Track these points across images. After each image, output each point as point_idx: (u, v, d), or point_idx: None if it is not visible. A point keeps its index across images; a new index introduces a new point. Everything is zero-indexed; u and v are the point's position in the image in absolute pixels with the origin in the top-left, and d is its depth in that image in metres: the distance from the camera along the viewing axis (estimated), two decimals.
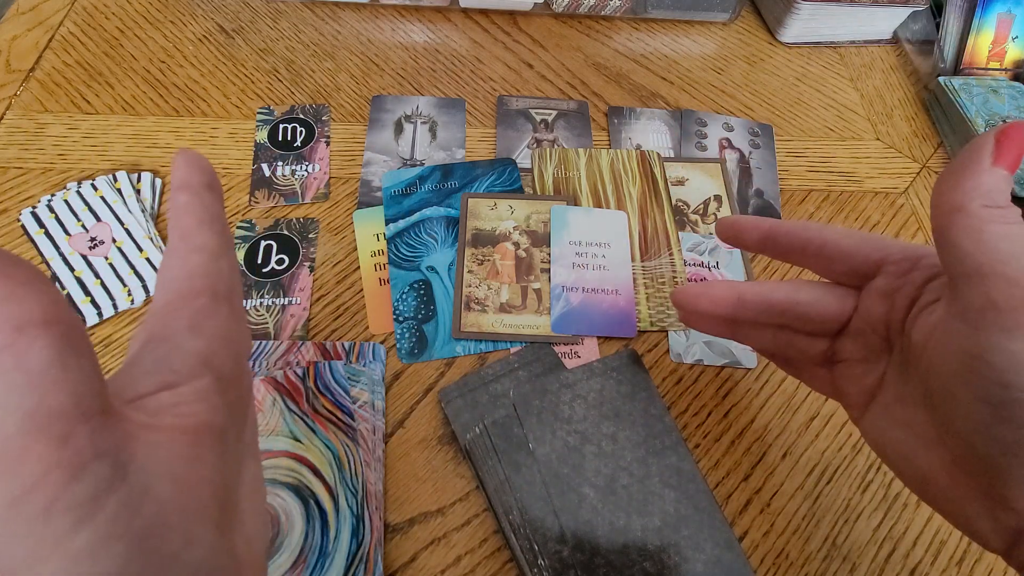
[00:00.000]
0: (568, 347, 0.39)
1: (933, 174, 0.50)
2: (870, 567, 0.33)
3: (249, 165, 0.46)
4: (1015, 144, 0.20)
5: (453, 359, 0.38)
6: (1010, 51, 0.54)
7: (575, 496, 0.31)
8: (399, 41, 0.54)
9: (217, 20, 0.54)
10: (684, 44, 0.57)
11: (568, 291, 0.40)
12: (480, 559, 0.32)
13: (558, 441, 0.33)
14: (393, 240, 0.42)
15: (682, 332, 0.40)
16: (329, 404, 0.34)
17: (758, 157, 0.49)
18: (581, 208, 0.44)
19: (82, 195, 0.41)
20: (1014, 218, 0.19)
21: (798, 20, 0.56)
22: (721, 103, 0.53)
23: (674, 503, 0.31)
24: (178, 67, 0.50)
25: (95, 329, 0.38)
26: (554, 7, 0.56)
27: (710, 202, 0.46)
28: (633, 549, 0.30)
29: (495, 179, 0.46)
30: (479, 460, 0.33)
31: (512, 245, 0.42)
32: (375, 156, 0.47)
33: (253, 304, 0.39)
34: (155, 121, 0.47)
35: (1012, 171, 0.20)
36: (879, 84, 0.57)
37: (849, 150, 0.51)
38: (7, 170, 0.44)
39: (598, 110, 0.52)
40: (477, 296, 0.40)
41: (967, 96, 0.51)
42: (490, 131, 0.49)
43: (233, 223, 0.43)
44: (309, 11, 0.55)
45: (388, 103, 0.50)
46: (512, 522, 0.31)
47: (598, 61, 0.55)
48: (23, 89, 0.48)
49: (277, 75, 0.51)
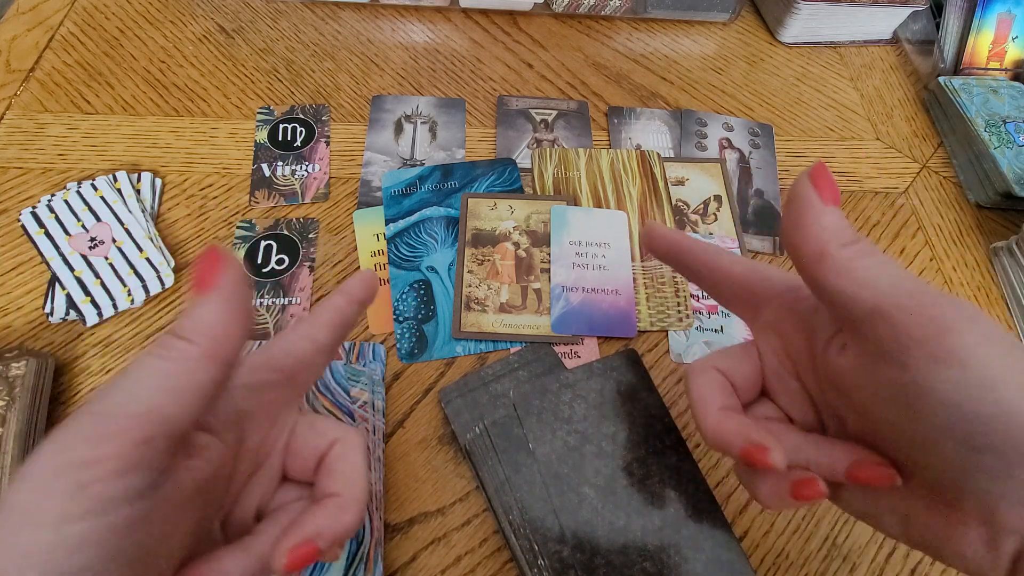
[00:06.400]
0: (568, 347, 0.39)
1: (933, 174, 0.50)
2: (870, 567, 0.33)
3: (249, 165, 0.46)
4: (827, 181, 0.20)
5: (453, 359, 0.38)
6: (1010, 51, 0.54)
7: (575, 496, 0.31)
8: (399, 41, 0.54)
9: (217, 20, 0.54)
10: (684, 44, 0.57)
11: (568, 291, 0.40)
12: (480, 559, 0.32)
13: (558, 441, 0.33)
14: (393, 240, 0.42)
15: (682, 332, 0.40)
16: (329, 404, 0.34)
17: (758, 157, 0.49)
18: (581, 208, 0.44)
19: (82, 195, 0.41)
20: (872, 247, 0.20)
21: (798, 20, 0.56)
22: (721, 103, 0.53)
23: (674, 503, 0.31)
24: (178, 67, 0.50)
25: (95, 329, 0.38)
26: (554, 7, 0.56)
27: (710, 202, 0.46)
28: (633, 549, 0.30)
29: (495, 179, 0.46)
30: (479, 460, 0.33)
31: (512, 245, 0.42)
32: (375, 156, 0.47)
33: (253, 304, 0.39)
34: (155, 121, 0.47)
35: (837, 206, 0.21)
36: (879, 84, 0.57)
37: (849, 150, 0.51)
38: (7, 170, 0.44)
39: (598, 110, 0.52)
40: (477, 296, 0.40)
41: (967, 96, 0.51)
42: (490, 131, 0.49)
43: (233, 223, 0.43)
44: (309, 11, 0.55)
45: (388, 103, 0.50)
46: (512, 522, 0.31)
47: (598, 61, 0.55)
48: (23, 89, 0.48)
49: (277, 75, 0.51)
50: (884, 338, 0.18)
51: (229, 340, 0.18)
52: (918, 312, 0.18)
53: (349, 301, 0.25)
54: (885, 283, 0.19)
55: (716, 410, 0.24)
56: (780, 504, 0.23)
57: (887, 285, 0.19)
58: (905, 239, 0.46)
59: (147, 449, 0.16)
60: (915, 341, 0.18)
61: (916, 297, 0.18)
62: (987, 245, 0.46)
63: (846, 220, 0.20)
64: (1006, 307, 0.43)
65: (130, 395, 0.17)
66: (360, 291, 0.25)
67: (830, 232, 0.20)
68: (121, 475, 0.16)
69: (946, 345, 0.17)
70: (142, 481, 0.16)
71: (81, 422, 0.16)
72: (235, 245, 0.42)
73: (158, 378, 0.17)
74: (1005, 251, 0.44)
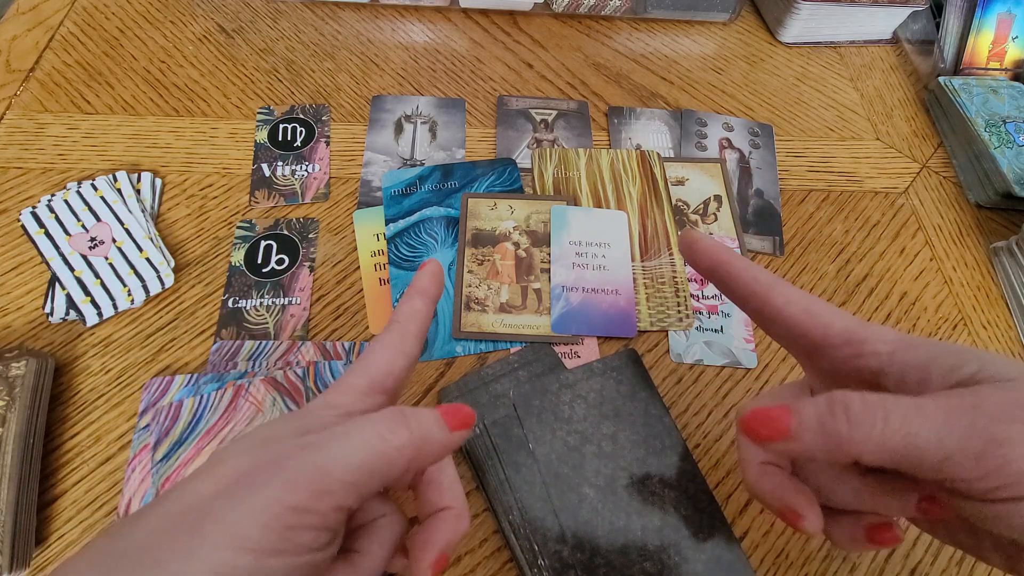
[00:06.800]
0: (568, 347, 0.39)
1: (933, 174, 0.50)
2: (870, 567, 0.33)
3: (249, 165, 0.46)
4: (760, 424, 0.20)
5: (453, 359, 0.38)
6: (1010, 51, 0.54)
7: (575, 496, 0.31)
8: (399, 41, 0.54)
9: (217, 20, 0.54)
10: (684, 44, 0.57)
11: (568, 291, 0.40)
12: (480, 559, 0.32)
13: (558, 441, 0.33)
14: (393, 240, 0.42)
15: (682, 332, 0.40)
16: None
17: (758, 157, 0.49)
18: (581, 208, 0.44)
19: (82, 195, 0.41)
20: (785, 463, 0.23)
21: (798, 20, 0.56)
22: (721, 103, 0.53)
23: (674, 503, 0.31)
24: (178, 67, 0.50)
25: (95, 329, 0.38)
26: (554, 7, 0.56)
27: (710, 202, 0.46)
28: (633, 549, 0.30)
29: (495, 179, 0.46)
30: (479, 460, 0.33)
31: (512, 245, 0.42)
32: (375, 156, 0.47)
33: (253, 304, 0.39)
34: (155, 121, 0.47)
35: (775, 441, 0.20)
36: (879, 84, 0.57)
37: (849, 150, 0.51)
38: (7, 170, 0.44)
39: (598, 110, 0.51)
40: (477, 296, 0.40)
41: (967, 96, 0.51)
42: (490, 131, 0.49)
43: (233, 223, 0.43)
44: (309, 11, 0.55)
45: (388, 103, 0.50)
46: (512, 522, 0.31)
47: (598, 61, 0.55)
48: (23, 89, 0.48)
49: (277, 75, 0.51)
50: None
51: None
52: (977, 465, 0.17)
53: (427, 302, 0.25)
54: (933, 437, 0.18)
55: (757, 464, 0.24)
56: (855, 546, 0.23)
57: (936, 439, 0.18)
58: (905, 239, 0.46)
59: (340, 514, 0.19)
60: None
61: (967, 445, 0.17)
62: (987, 245, 0.46)
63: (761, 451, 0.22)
64: (1006, 307, 0.43)
65: (348, 460, 0.19)
66: (433, 287, 0.26)
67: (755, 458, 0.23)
68: (317, 529, 0.18)
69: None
70: (326, 538, 0.19)
71: (306, 468, 0.18)
72: (235, 245, 0.42)
73: (374, 454, 0.19)
74: (1005, 251, 0.44)
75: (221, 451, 0.20)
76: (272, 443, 0.19)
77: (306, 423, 0.21)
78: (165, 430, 0.33)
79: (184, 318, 0.39)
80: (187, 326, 0.38)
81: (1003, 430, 0.17)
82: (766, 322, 0.24)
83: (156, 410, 0.34)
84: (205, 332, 0.38)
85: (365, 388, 0.22)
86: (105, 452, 0.34)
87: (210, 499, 0.18)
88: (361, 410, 0.22)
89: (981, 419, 0.17)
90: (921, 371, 0.20)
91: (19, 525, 0.30)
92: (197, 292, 0.40)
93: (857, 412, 0.18)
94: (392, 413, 0.21)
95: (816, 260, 0.45)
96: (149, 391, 0.35)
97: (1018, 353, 0.42)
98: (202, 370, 0.37)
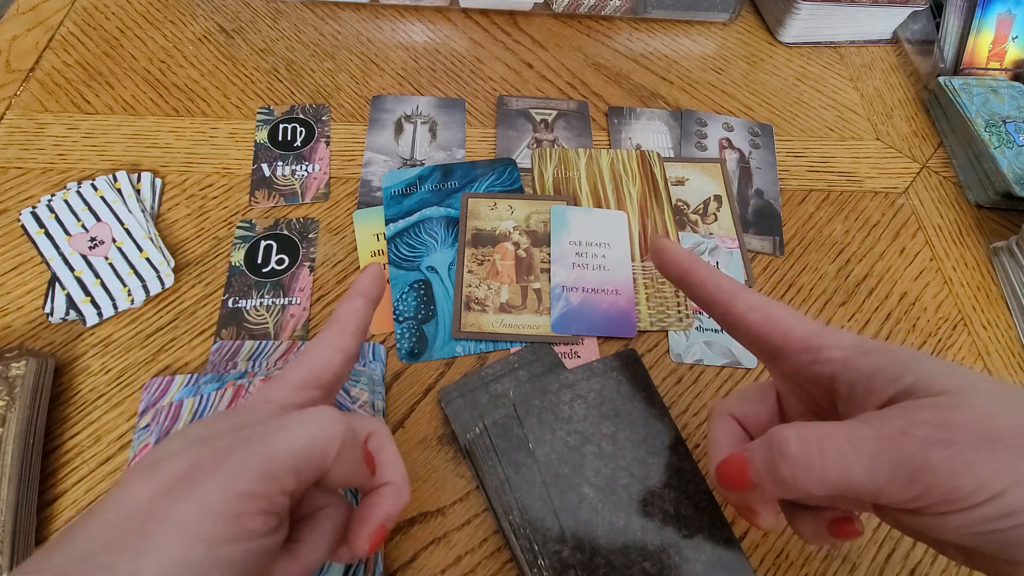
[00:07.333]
0: (568, 347, 0.39)
1: (933, 174, 0.50)
2: (870, 567, 0.33)
3: (249, 165, 0.46)
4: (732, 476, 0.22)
5: (453, 359, 0.38)
6: (1010, 51, 0.54)
7: (575, 496, 0.31)
8: (399, 41, 0.54)
9: (217, 20, 0.54)
10: (684, 44, 0.57)
11: (568, 291, 0.40)
12: (480, 559, 0.32)
13: (558, 441, 0.33)
14: (393, 240, 0.42)
15: (682, 332, 0.40)
16: None
17: (758, 157, 0.49)
18: (581, 208, 0.44)
19: (82, 195, 0.41)
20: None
21: (798, 20, 0.56)
22: (721, 103, 0.53)
23: (674, 503, 0.31)
24: (178, 67, 0.50)
25: (95, 329, 0.38)
26: (554, 7, 0.56)
27: (710, 202, 0.46)
28: (633, 549, 0.30)
29: (495, 179, 0.46)
30: (479, 460, 0.33)
31: (512, 245, 0.42)
32: (375, 156, 0.47)
33: (253, 304, 0.39)
34: (155, 121, 0.47)
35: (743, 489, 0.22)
36: (879, 84, 0.57)
37: (849, 150, 0.51)
38: (7, 170, 0.44)
39: (598, 110, 0.51)
40: (477, 296, 0.40)
41: (967, 96, 0.51)
42: (490, 131, 0.49)
43: (233, 223, 0.43)
44: (309, 11, 0.55)
45: (388, 103, 0.50)
46: (512, 522, 0.31)
47: (598, 61, 0.55)
48: (23, 89, 0.48)
49: (277, 75, 0.51)
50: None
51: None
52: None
53: (366, 302, 0.26)
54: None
55: (719, 462, 0.25)
56: (820, 540, 0.24)
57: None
58: (905, 239, 0.46)
59: (285, 498, 0.19)
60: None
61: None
62: (987, 245, 0.46)
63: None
64: (1006, 307, 0.43)
65: (290, 446, 0.20)
66: (374, 289, 0.27)
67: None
68: (266, 513, 0.19)
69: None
70: (274, 522, 0.19)
71: (250, 457, 0.19)
72: (235, 245, 0.42)
73: (312, 441, 0.20)
74: (1005, 251, 0.44)
75: (154, 453, 0.20)
76: (211, 440, 0.20)
77: (244, 419, 0.21)
78: (165, 430, 0.33)
79: (184, 318, 0.39)
80: (187, 326, 0.38)
81: (926, 457, 0.18)
82: (731, 328, 0.25)
83: (156, 410, 0.34)
84: (205, 332, 0.38)
85: (301, 383, 0.24)
86: (105, 452, 0.34)
87: (153, 500, 0.18)
88: (297, 404, 0.23)
89: (908, 446, 0.18)
90: (868, 380, 0.21)
91: (19, 525, 0.30)
92: (197, 292, 0.40)
93: (794, 453, 0.19)
94: (325, 407, 0.22)
95: (816, 260, 0.45)
96: (149, 391, 0.35)
97: (1018, 353, 0.42)
98: (202, 370, 0.37)
